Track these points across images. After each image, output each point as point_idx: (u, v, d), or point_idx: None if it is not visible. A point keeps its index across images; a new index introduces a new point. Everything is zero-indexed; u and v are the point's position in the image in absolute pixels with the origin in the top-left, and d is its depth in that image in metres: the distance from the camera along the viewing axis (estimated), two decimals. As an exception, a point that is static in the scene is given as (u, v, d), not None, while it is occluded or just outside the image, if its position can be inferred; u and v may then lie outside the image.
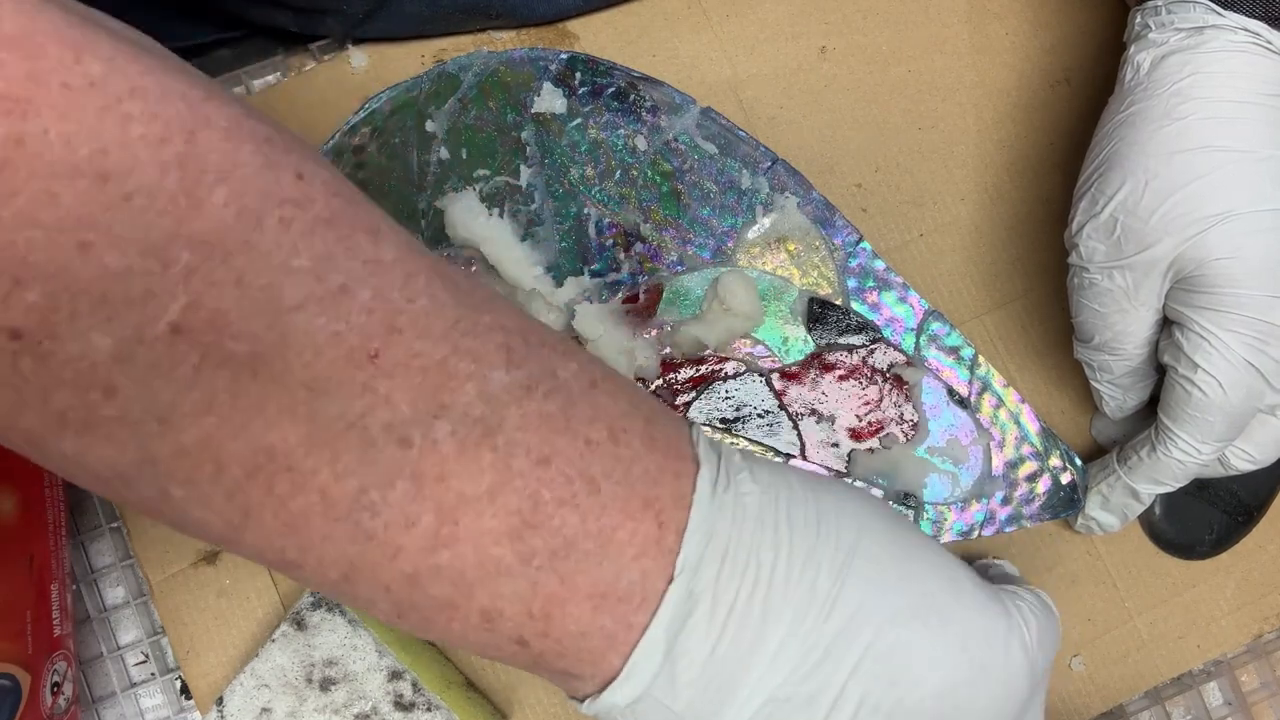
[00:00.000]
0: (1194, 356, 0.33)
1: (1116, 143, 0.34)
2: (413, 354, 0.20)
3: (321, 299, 0.19)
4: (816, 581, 0.22)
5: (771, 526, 0.23)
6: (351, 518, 0.20)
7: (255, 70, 0.42)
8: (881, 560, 0.24)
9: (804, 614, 0.22)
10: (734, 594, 0.22)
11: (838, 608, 0.22)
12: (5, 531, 0.35)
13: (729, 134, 0.39)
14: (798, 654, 0.22)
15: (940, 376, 0.39)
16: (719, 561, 0.22)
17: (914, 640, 0.23)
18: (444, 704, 0.36)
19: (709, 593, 0.22)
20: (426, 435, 0.20)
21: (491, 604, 0.21)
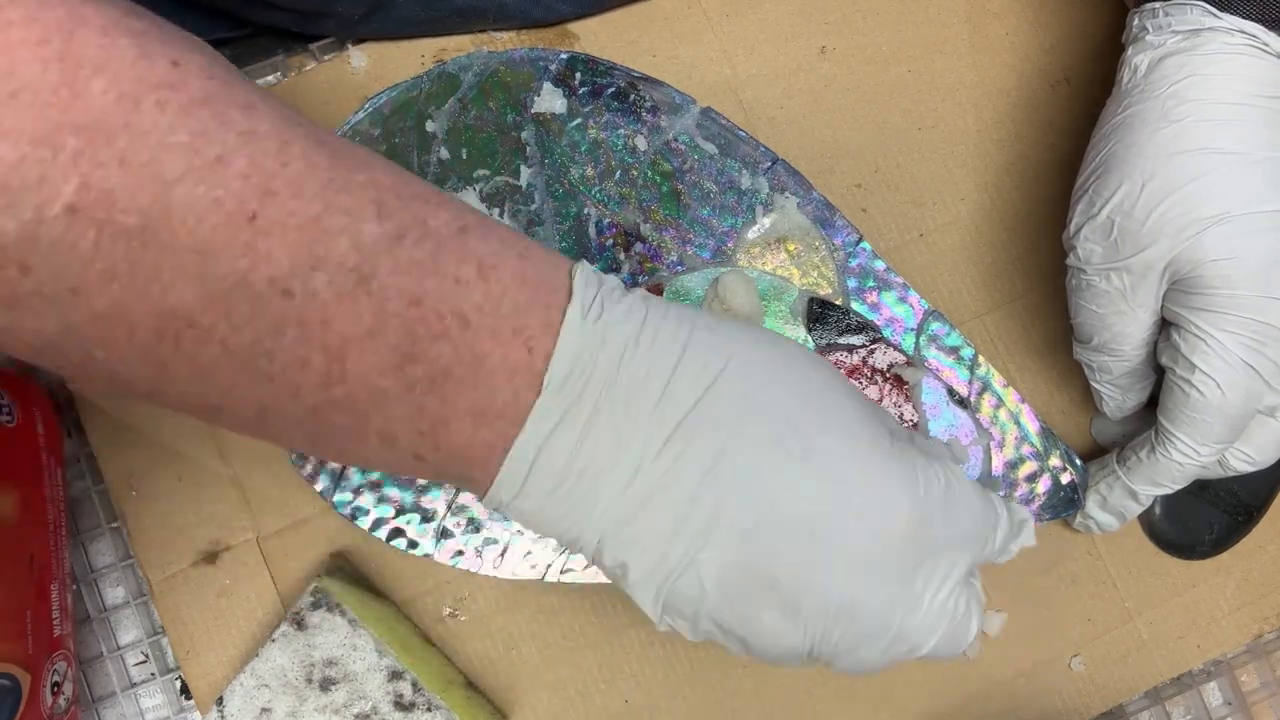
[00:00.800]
0: (1191, 358, 0.33)
1: (1114, 144, 0.34)
2: (288, 213, 0.22)
3: (199, 170, 0.21)
4: (676, 401, 0.24)
5: (637, 350, 0.25)
6: (253, 365, 0.22)
7: (255, 70, 0.42)
8: (747, 389, 0.25)
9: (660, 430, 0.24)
10: (592, 409, 0.24)
11: (695, 428, 0.24)
12: (5, 531, 0.35)
13: (729, 134, 0.39)
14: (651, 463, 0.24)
15: (940, 376, 0.39)
16: (583, 380, 0.24)
17: (771, 465, 0.24)
18: (444, 704, 0.36)
19: (574, 404, 0.24)
20: (306, 286, 0.22)
21: (386, 426, 0.24)
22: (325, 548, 0.40)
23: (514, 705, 0.40)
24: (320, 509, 0.40)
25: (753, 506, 0.24)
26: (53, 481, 0.38)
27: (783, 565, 0.24)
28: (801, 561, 0.24)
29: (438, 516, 0.38)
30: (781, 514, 0.24)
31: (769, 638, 0.25)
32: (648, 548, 0.25)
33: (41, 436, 0.38)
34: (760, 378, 0.25)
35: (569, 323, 0.24)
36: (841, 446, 0.25)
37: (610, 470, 0.24)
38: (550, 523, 0.25)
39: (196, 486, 0.40)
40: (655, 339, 0.25)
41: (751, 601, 0.25)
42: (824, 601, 0.25)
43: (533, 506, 0.25)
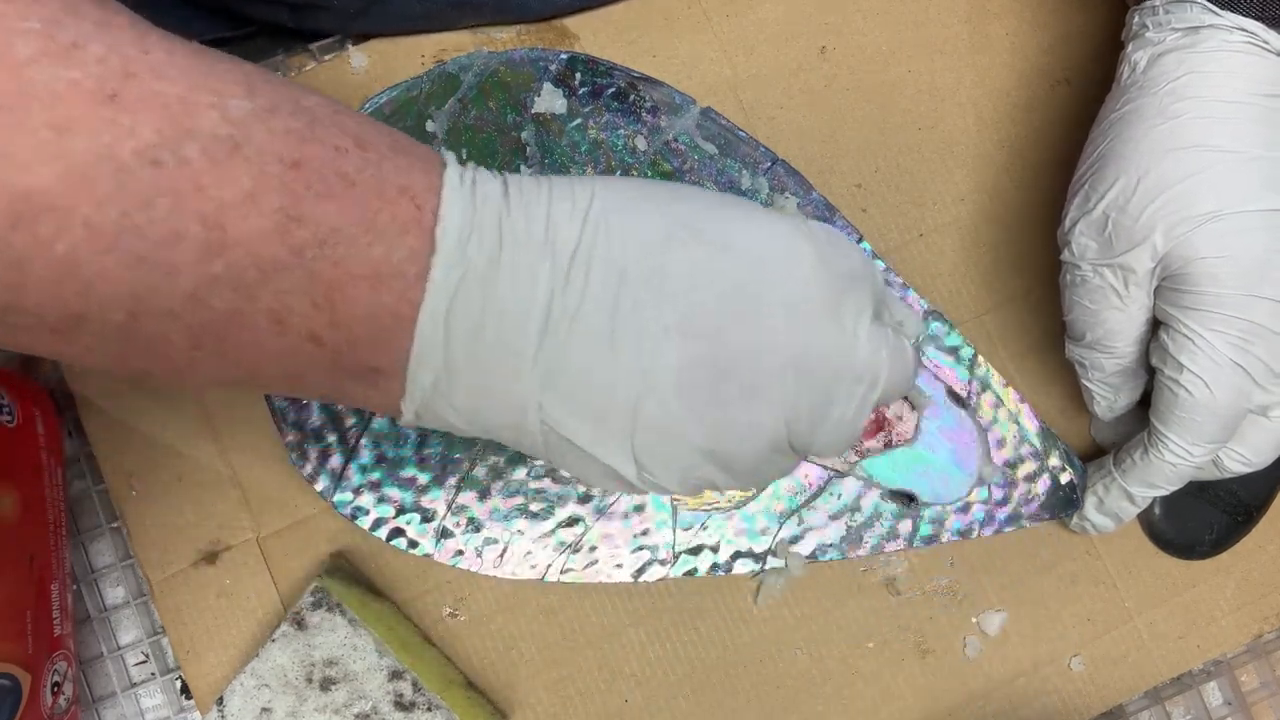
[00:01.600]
0: (1179, 357, 0.33)
1: (1111, 140, 0.34)
2: (152, 93, 0.21)
3: (54, 54, 0.20)
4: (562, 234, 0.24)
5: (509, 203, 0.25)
6: (120, 245, 0.21)
7: (255, 70, 0.42)
8: (620, 204, 0.25)
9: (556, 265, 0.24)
10: (486, 261, 0.24)
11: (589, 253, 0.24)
12: (5, 531, 0.35)
13: (729, 134, 0.39)
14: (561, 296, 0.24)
15: (940, 376, 0.39)
16: (473, 233, 0.24)
17: (676, 258, 0.25)
18: (444, 704, 0.36)
19: (471, 259, 0.24)
20: (177, 154, 0.21)
21: (276, 302, 0.22)
22: (325, 548, 0.40)
23: (514, 705, 0.40)
24: (320, 509, 0.40)
25: (675, 301, 0.24)
26: (53, 481, 0.38)
27: (726, 346, 0.24)
28: (739, 332, 0.25)
29: (438, 516, 0.38)
30: (702, 295, 0.24)
31: (746, 437, 0.25)
32: (593, 391, 0.24)
33: (41, 436, 0.38)
34: (630, 191, 0.26)
35: (449, 182, 0.24)
36: (729, 223, 0.26)
37: (524, 319, 0.24)
38: (482, 401, 0.25)
39: (196, 486, 0.40)
40: (522, 189, 0.25)
41: (715, 401, 0.24)
42: (777, 364, 0.25)
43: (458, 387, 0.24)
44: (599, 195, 0.25)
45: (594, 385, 0.24)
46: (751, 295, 0.25)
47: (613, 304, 0.24)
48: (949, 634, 0.41)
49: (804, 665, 0.40)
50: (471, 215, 0.24)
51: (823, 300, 0.26)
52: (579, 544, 0.38)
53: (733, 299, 0.25)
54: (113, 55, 0.21)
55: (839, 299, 0.26)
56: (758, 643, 0.40)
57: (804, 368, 0.25)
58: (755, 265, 0.25)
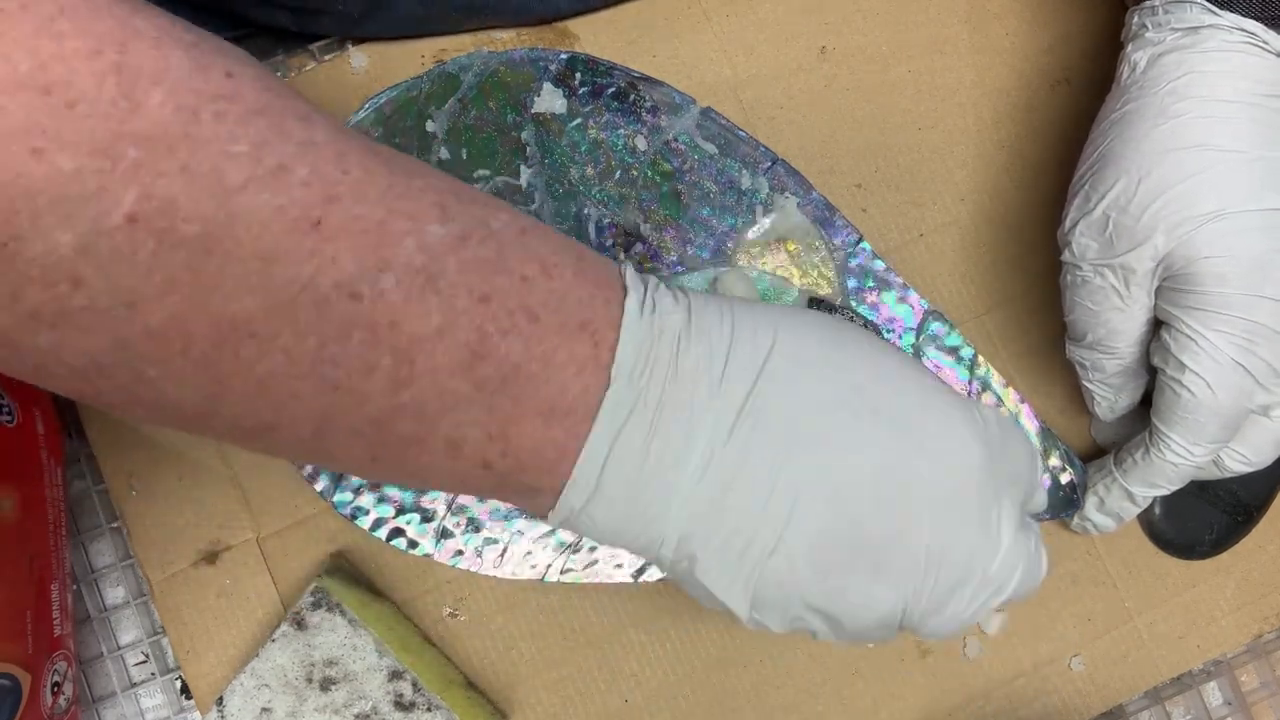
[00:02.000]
0: (1181, 357, 0.33)
1: (1111, 140, 0.34)
2: (352, 218, 0.21)
3: (262, 178, 0.21)
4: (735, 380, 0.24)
5: (690, 337, 0.25)
6: (316, 372, 0.22)
7: (255, 70, 0.42)
8: (802, 356, 0.25)
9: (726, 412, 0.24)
10: (658, 400, 0.24)
11: (759, 405, 0.24)
12: (5, 531, 0.35)
13: (729, 134, 0.39)
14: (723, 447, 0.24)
15: (940, 376, 0.39)
16: (648, 369, 0.24)
17: (842, 426, 0.25)
18: (444, 704, 0.36)
19: (641, 397, 0.24)
20: (374, 287, 0.21)
21: (454, 432, 0.23)
22: (325, 548, 0.40)
23: (514, 705, 0.40)
24: (320, 509, 0.40)
25: (831, 471, 0.24)
26: (53, 481, 0.38)
27: (870, 523, 0.24)
28: (887, 515, 0.24)
29: (438, 516, 0.38)
30: (861, 473, 0.24)
31: (862, 608, 0.25)
32: (731, 537, 0.24)
33: (41, 436, 0.38)
34: (811, 344, 0.25)
35: (629, 315, 0.24)
36: (904, 397, 0.25)
37: (683, 459, 0.24)
38: (625, 524, 0.25)
39: (196, 486, 0.40)
40: (704, 325, 0.25)
41: (843, 570, 0.24)
42: (913, 551, 0.25)
43: (604, 510, 0.25)
44: (780, 342, 0.25)
45: (732, 536, 0.24)
46: (903, 485, 0.25)
47: (772, 463, 0.24)
48: (949, 634, 0.41)
49: (804, 665, 0.40)
50: (648, 349, 0.24)
51: (977, 504, 0.26)
52: (579, 544, 0.38)
53: (888, 482, 0.25)
54: (316, 179, 0.21)
55: (992, 503, 0.26)
56: (758, 643, 0.40)
57: (938, 562, 0.25)
58: (918, 454, 0.25)
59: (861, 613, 0.25)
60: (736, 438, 0.24)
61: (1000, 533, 0.26)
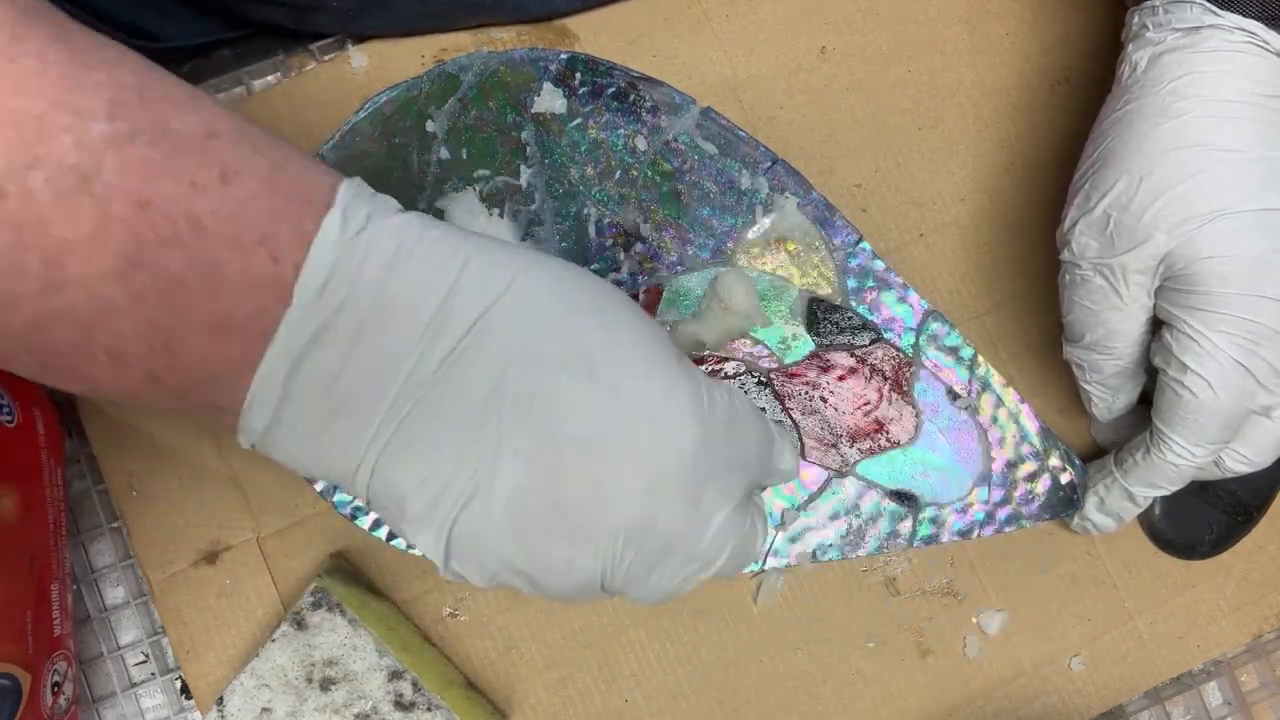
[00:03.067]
0: (1183, 358, 0.33)
1: (1112, 140, 0.34)
2: (7, 110, 0.20)
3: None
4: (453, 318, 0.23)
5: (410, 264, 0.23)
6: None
7: (255, 70, 0.42)
8: (531, 307, 0.24)
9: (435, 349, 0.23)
10: (356, 325, 0.22)
11: (475, 348, 0.23)
12: (5, 531, 0.35)
13: (729, 134, 0.39)
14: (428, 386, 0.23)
15: (940, 376, 0.39)
16: (342, 294, 0.22)
17: (557, 385, 0.23)
18: (444, 704, 0.36)
19: (331, 324, 0.22)
20: (21, 185, 0.20)
21: (114, 342, 0.22)
22: (325, 548, 0.40)
23: (514, 705, 0.40)
24: (320, 509, 0.40)
25: (539, 428, 0.23)
26: (53, 481, 0.38)
27: (572, 488, 0.23)
28: (591, 482, 0.24)
29: (438, 516, 0.38)
30: (569, 434, 0.23)
31: (561, 571, 0.24)
32: (426, 478, 0.23)
33: (41, 436, 0.38)
34: (545, 297, 0.24)
35: (325, 232, 0.22)
36: (629, 365, 0.24)
37: (379, 392, 0.23)
38: (312, 455, 0.24)
39: (196, 486, 0.40)
40: (431, 253, 0.23)
41: (541, 532, 0.24)
42: (615, 522, 0.24)
43: (288, 438, 0.23)
44: (515, 287, 0.24)
45: (428, 478, 0.23)
46: (612, 454, 0.24)
47: (476, 416, 0.23)
48: (949, 634, 0.41)
49: (804, 665, 0.40)
50: (351, 272, 0.23)
51: (684, 481, 0.25)
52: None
53: (594, 451, 0.23)
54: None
55: (704, 483, 0.25)
56: (758, 643, 0.40)
57: (638, 534, 0.24)
58: (630, 427, 0.24)
59: (560, 575, 0.24)
60: (442, 378, 0.23)
61: (712, 513, 0.25)
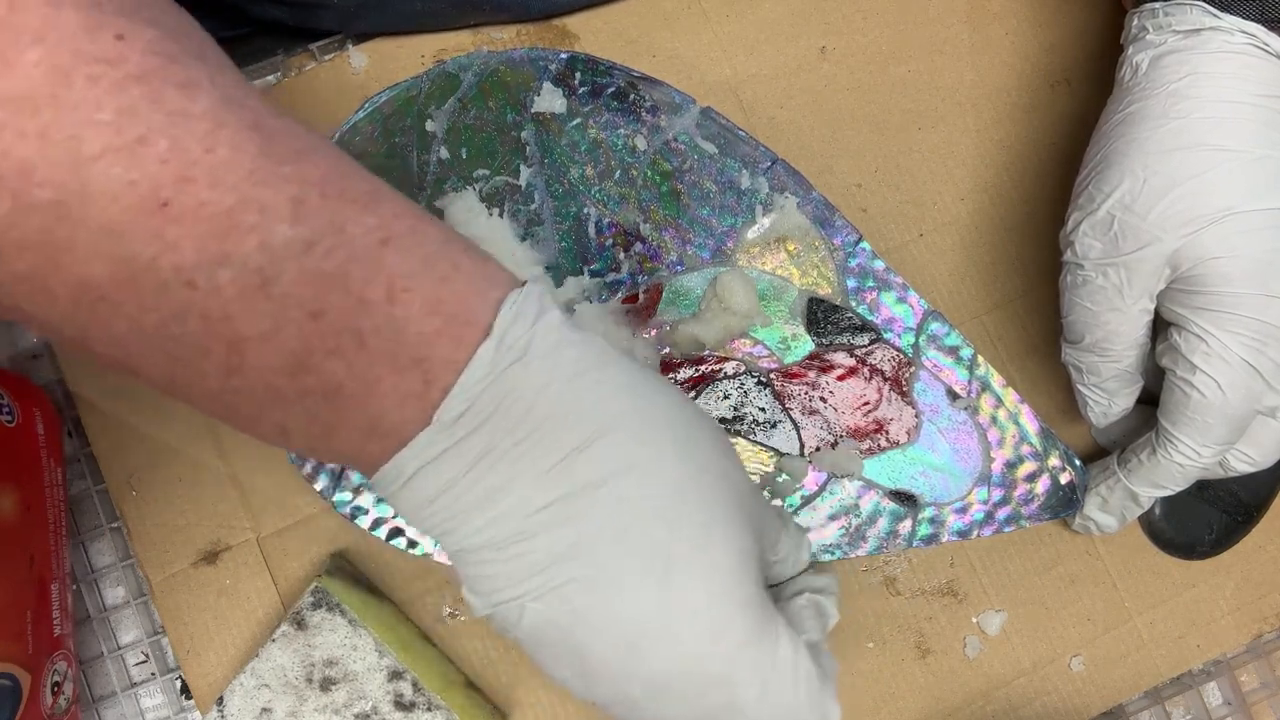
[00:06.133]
0: (1192, 358, 0.33)
1: (1115, 141, 0.34)
2: (200, 203, 0.21)
3: (119, 150, 0.21)
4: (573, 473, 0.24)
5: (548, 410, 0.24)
6: (160, 345, 0.23)
7: (255, 70, 0.42)
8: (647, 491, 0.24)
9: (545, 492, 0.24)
10: (484, 446, 0.24)
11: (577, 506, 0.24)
12: (5, 531, 0.35)
13: (729, 134, 0.39)
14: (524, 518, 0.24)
15: (939, 376, 0.39)
16: (476, 424, 0.24)
17: (627, 567, 0.24)
18: (444, 704, 0.36)
19: (463, 443, 0.24)
20: (210, 280, 0.22)
21: (281, 420, 0.24)
22: (325, 548, 0.40)
23: (514, 705, 0.40)
24: (320, 509, 0.40)
25: (593, 593, 0.24)
26: (53, 481, 0.38)
27: (593, 654, 0.25)
28: (610, 661, 0.25)
29: (438, 516, 0.38)
30: (614, 614, 0.24)
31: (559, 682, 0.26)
32: (492, 574, 0.25)
33: (41, 436, 0.38)
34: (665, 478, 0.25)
35: (475, 364, 0.24)
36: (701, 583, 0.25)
37: (487, 505, 0.24)
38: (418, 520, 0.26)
39: (196, 486, 0.40)
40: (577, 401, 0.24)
41: (554, 657, 0.25)
42: (616, 694, 0.25)
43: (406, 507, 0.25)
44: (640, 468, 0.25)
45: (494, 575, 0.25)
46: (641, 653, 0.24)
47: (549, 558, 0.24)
48: (949, 634, 0.41)
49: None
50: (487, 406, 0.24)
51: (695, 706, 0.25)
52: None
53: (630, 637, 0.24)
54: (175, 155, 0.21)
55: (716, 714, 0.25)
56: (758, 643, 0.40)
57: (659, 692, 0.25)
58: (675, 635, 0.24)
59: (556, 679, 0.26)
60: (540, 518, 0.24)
61: None
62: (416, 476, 0.24)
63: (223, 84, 0.23)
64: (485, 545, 0.25)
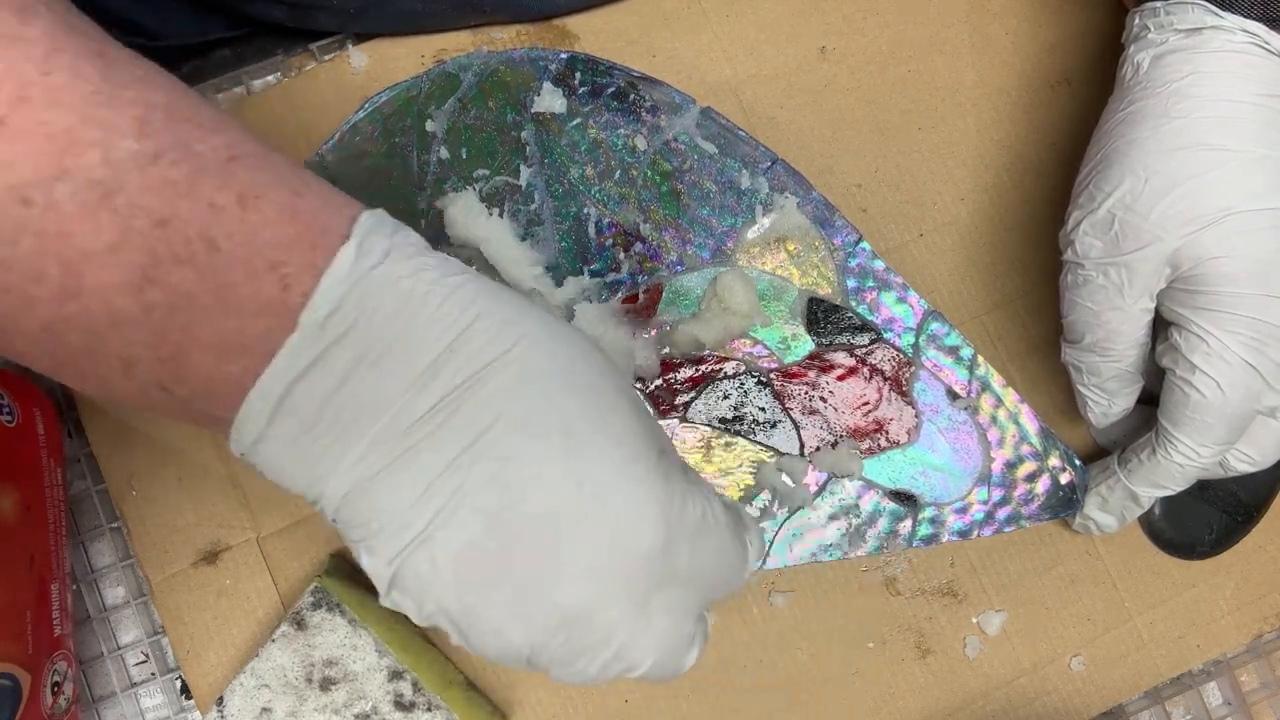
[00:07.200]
0: (1192, 358, 0.33)
1: (1116, 140, 0.34)
2: (38, 122, 0.21)
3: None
4: (451, 369, 0.23)
5: (422, 309, 0.23)
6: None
7: (255, 70, 0.42)
8: (528, 373, 0.24)
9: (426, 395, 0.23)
10: (354, 357, 0.23)
11: (464, 402, 0.23)
12: (5, 531, 0.35)
13: (729, 134, 0.39)
14: (408, 426, 0.23)
15: (939, 376, 0.39)
16: (346, 325, 0.23)
17: (532, 454, 0.23)
18: (444, 704, 0.36)
19: (331, 353, 0.23)
20: (47, 195, 0.21)
21: (125, 351, 0.23)
22: (325, 548, 0.40)
23: (514, 705, 0.40)
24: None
25: (503, 491, 0.23)
26: (53, 481, 0.38)
27: (520, 558, 0.23)
28: (539, 559, 0.24)
29: (438, 516, 0.38)
30: (530, 505, 0.23)
31: (491, 634, 0.24)
32: (388, 513, 0.24)
33: (41, 436, 0.38)
34: (545, 365, 0.24)
35: (338, 264, 0.23)
36: (608, 452, 0.24)
37: (364, 424, 0.23)
38: (292, 472, 0.24)
39: (196, 486, 0.40)
40: (442, 301, 0.24)
41: (481, 591, 0.24)
42: (553, 606, 0.24)
43: (275, 451, 0.24)
44: (518, 352, 0.24)
45: (390, 513, 0.24)
46: (567, 536, 0.24)
47: (447, 465, 0.23)
48: (949, 634, 0.41)
49: (804, 665, 0.40)
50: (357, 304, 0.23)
51: (633, 582, 0.24)
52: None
53: (552, 531, 0.23)
54: (10, 77, 0.21)
55: (654, 589, 0.25)
56: (758, 643, 0.40)
57: (573, 621, 0.24)
58: (594, 517, 0.24)
59: (489, 638, 0.24)
60: (426, 422, 0.23)
61: (654, 619, 0.25)
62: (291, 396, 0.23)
63: (60, 11, 0.22)
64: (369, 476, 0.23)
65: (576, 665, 0.25)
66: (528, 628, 0.24)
